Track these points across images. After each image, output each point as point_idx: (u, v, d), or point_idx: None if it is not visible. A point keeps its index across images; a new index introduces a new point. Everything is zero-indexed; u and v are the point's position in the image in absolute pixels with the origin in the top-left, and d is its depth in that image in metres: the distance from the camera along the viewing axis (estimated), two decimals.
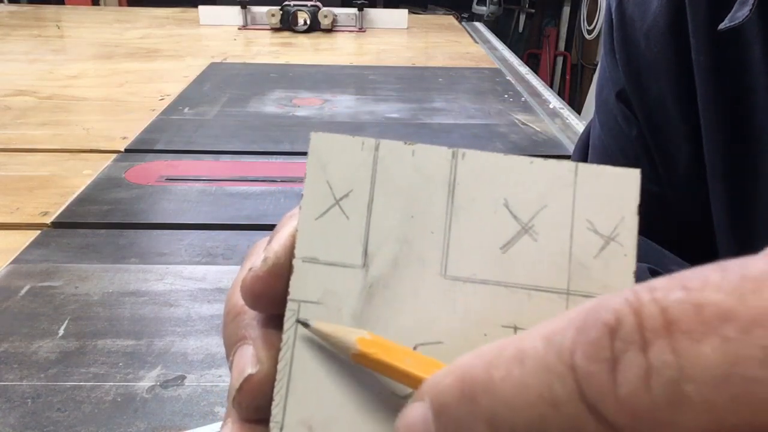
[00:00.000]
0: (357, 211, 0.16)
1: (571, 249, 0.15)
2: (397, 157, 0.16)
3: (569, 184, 0.15)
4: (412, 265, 0.16)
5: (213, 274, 0.61)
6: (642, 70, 0.40)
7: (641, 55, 0.40)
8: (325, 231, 0.16)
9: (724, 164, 0.36)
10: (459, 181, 0.16)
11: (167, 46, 1.71)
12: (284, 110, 1.15)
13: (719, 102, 0.36)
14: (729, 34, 0.34)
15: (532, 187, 0.16)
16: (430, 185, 0.16)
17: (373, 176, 0.16)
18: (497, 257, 0.16)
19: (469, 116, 1.14)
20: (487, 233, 0.16)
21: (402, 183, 0.16)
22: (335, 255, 0.16)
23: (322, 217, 0.16)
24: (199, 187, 0.81)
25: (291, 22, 1.93)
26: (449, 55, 1.71)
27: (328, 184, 0.16)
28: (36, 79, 1.32)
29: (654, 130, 0.41)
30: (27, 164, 0.87)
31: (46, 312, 0.54)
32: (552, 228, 0.16)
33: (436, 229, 0.16)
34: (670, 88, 0.39)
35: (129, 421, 0.43)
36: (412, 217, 0.16)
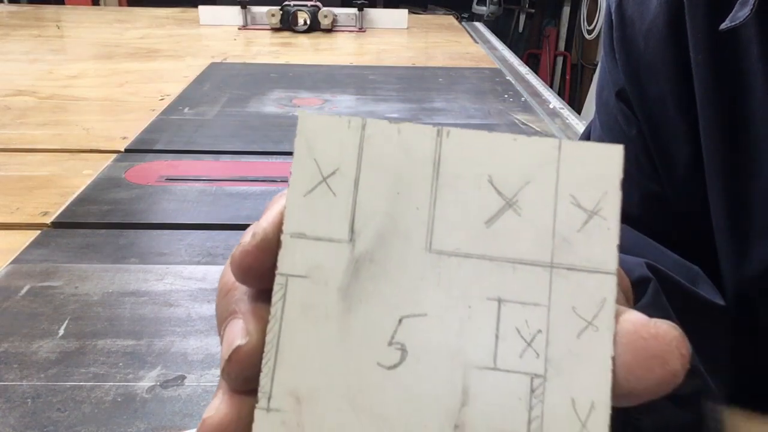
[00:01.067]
0: (344, 188, 0.16)
1: (555, 223, 0.16)
2: (384, 136, 0.16)
3: (553, 160, 0.16)
4: (397, 240, 0.16)
5: (213, 274, 0.61)
6: (641, 70, 0.40)
7: (641, 55, 0.40)
8: (312, 207, 0.16)
9: (723, 163, 0.36)
10: (444, 158, 0.16)
11: (167, 46, 1.71)
12: (284, 110, 1.15)
13: (717, 101, 0.36)
14: (727, 34, 0.34)
15: (516, 164, 0.16)
16: (416, 162, 0.16)
17: (359, 154, 0.16)
18: (482, 232, 0.16)
19: (469, 116, 1.14)
20: (471, 208, 0.16)
21: (388, 161, 0.16)
22: (322, 230, 0.16)
23: (310, 194, 0.17)
24: (199, 187, 0.81)
25: (291, 22, 1.93)
26: (449, 55, 1.71)
27: (315, 162, 0.17)
28: (36, 79, 1.32)
29: (654, 129, 0.41)
30: (27, 164, 0.87)
31: (46, 312, 0.54)
32: (536, 203, 0.16)
33: (422, 205, 0.16)
34: (669, 88, 0.39)
35: (129, 421, 0.43)
36: (398, 193, 0.16)
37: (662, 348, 0.15)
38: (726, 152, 0.36)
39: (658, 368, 0.15)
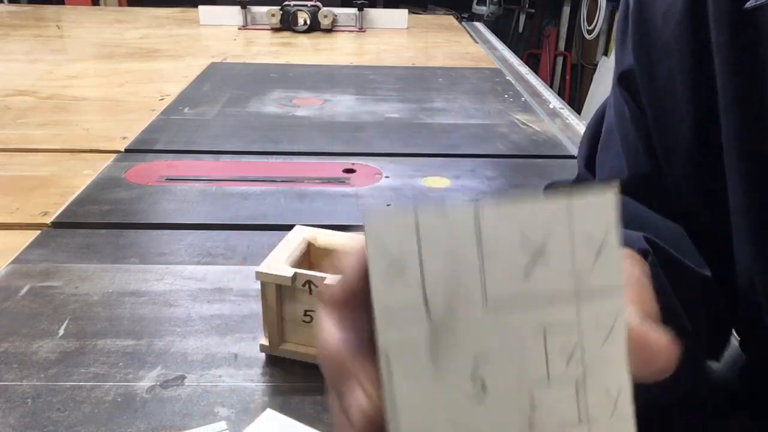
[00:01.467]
0: (412, 269, 0.20)
1: (575, 262, 0.20)
2: (434, 220, 0.20)
3: (564, 215, 0.20)
4: (461, 302, 0.21)
5: (213, 274, 0.61)
6: (654, 49, 0.41)
7: (657, 34, 0.41)
8: (392, 290, 0.21)
9: (741, 145, 0.37)
10: (483, 230, 0.20)
11: (167, 46, 1.71)
12: (284, 110, 1.15)
13: (738, 82, 0.37)
14: (750, 14, 0.35)
15: (538, 224, 0.20)
16: (463, 237, 0.20)
17: (418, 240, 0.21)
18: (523, 282, 0.21)
19: (469, 116, 1.14)
20: (511, 266, 0.20)
21: (441, 239, 0.20)
22: (404, 307, 0.21)
23: (387, 279, 0.21)
24: (199, 187, 0.81)
25: (291, 22, 1.93)
26: (449, 55, 1.71)
27: (385, 253, 0.20)
28: (36, 79, 1.32)
29: (658, 110, 0.42)
30: (27, 164, 0.87)
31: (46, 312, 0.54)
32: (559, 251, 0.20)
33: (473, 270, 0.21)
34: (680, 67, 0.40)
35: (129, 421, 0.43)
36: (454, 264, 0.21)
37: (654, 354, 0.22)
38: (745, 133, 0.37)
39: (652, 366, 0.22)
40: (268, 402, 0.45)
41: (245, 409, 0.44)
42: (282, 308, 0.48)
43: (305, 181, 0.84)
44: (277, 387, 0.46)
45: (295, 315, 0.48)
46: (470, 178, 0.86)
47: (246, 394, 0.45)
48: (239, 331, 0.52)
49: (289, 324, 0.48)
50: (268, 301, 0.48)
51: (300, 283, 0.46)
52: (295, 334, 0.49)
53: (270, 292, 0.47)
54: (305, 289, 0.46)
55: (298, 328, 0.48)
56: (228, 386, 0.46)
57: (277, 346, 0.49)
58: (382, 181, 0.85)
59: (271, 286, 0.47)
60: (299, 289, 0.47)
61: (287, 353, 0.49)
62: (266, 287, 0.47)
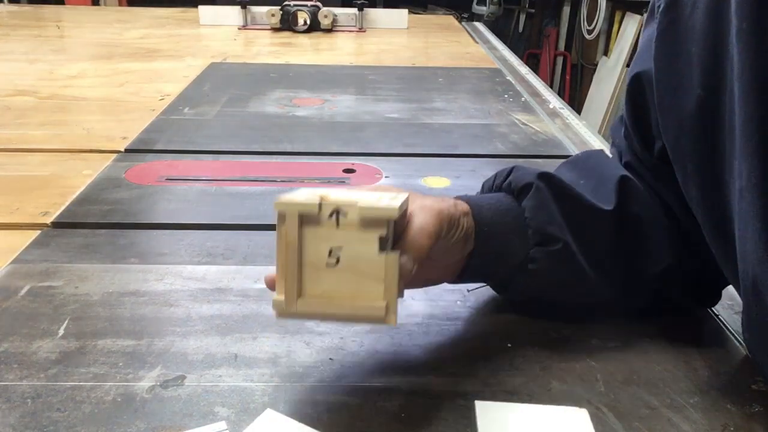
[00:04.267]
0: None
1: None
2: None
3: None
4: None
5: (213, 274, 0.61)
6: (680, 34, 0.45)
7: (684, 21, 0.45)
8: None
9: (759, 129, 0.38)
10: None
11: (167, 46, 1.71)
12: (284, 110, 1.15)
13: (756, 69, 0.38)
14: None
15: None
16: None
17: None
18: None
19: (469, 116, 1.14)
20: None
21: None
22: None
23: None
24: (199, 187, 0.81)
25: (291, 22, 1.93)
26: (449, 55, 1.71)
27: None
28: (36, 79, 1.32)
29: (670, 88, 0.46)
30: (27, 164, 0.87)
31: (46, 312, 0.54)
32: None
33: None
34: (700, 52, 0.43)
35: (129, 421, 0.43)
36: None
37: None
38: (761, 118, 0.38)
39: None
40: (268, 402, 0.45)
41: (245, 409, 0.44)
42: (302, 248, 0.41)
43: (305, 181, 0.84)
44: (277, 387, 0.46)
45: (318, 256, 0.41)
46: (470, 178, 0.86)
47: (246, 394, 0.45)
48: (239, 331, 0.52)
49: (309, 269, 0.41)
50: (288, 238, 0.40)
51: (327, 213, 0.40)
52: (316, 282, 0.41)
53: (291, 225, 0.40)
54: (331, 222, 0.40)
55: (320, 274, 0.41)
56: (228, 386, 0.46)
57: (295, 301, 0.41)
58: (382, 181, 0.85)
59: (292, 218, 0.40)
60: (324, 222, 0.40)
61: (306, 312, 0.41)
62: (286, 220, 0.40)
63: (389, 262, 0.40)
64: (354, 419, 0.43)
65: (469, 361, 0.49)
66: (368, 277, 0.40)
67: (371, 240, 0.40)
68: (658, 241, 0.51)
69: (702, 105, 0.43)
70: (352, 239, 0.40)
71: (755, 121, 0.38)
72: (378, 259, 0.40)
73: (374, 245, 0.40)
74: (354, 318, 0.41)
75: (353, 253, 0.40)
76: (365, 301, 0.40)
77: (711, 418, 0.44)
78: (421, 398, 0.45)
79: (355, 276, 0.40)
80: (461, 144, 1.00)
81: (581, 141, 1.03)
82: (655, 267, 0.51)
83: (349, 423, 0.43)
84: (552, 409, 0.44)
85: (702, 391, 0.46)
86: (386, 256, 0.40)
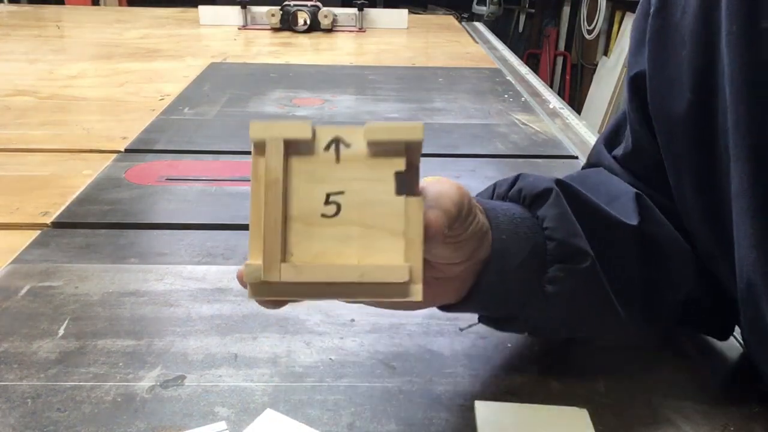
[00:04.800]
0: None
1: None
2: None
3: None
4: None
5: (213, 274, 0.61)
6: (669, 41, 0.44)
7: (675, 27, 0.44)
8: None
9: (749, 129, 0.38)
10: None
11: (167, 46, 1.71)
12: (284, 110, 1.15)
13: (746, 72, 0.38)
14: (763, 3, 0.37)
15: None
16: None
17: None
18: None
19: (469, 116, 1.14)
20: None
21: None
22: None
23: None
24: (199, 187, 0.81)
25: (291, 22, 1.93)
26: (449, 55, 1.71)
27: None
28: (36, 79, 1.32)
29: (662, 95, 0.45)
30: (27, 164, 0.87)
31: (46, 312, 0.54)
32: None
33: None
34: (690, 57, 0.42)
35: (129, 421, 0.43)
36: None
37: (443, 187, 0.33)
38: (752, 124, 0.38)
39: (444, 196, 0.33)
40: (268, 402, 0.45)
41: (245, 409, 0.44)
42: (288, 193, 0.30)
43: None
44: (277, 387, 0.46)
45: (310, 204, 0.30)
46: (470, 178, 0.86)
47: (246, 394, 0.45)
48: (239, 331, 0.52)
49: (298, 223, 0.30)
50: (269, 177, 0.30)
51: (323, 143, 0.30)
52: (307, 241, 0.30)
53: (273, 160, 0.30)
54: (329, 156, 0.30)
55: (313, 230, 0.30)
56: (228, 386, 0.46)
57: (278, 267, 0.29)
58: None
59: (275, 149, 0.30)
60: (319, 156, 0.30)
61: (293, 283, 0.29)
62: (266, 152, 0.31)
63: (412, 207, 0.29)
64: (354, 419, 0.43)
65: (469, 361, 0.49)
66: (381, 229, 0.29)
67: (385, 178, 0.29)
68: (679, 264, 0.46)
69: (693, 108, 0.43)
70: (357, 178, 0.29)
71: (746, 124, 0.38)
72: (395, 203, 0.29)
73: (389, 185, 0.29)
74: (361, 291, 0.29)
75: (360, 198, 0.29)
76: (377, 264, 0.29)
77: (711, 418, 0.44)
78: (421, 398, 0.45)
79: (363, 230, 0.29)
80: (461, 144, 1.00)
81: (581, 141, 1.03)
82: (677, 293, 0.46)
83: (349, 423, 0.43)
84: (552, 409, 0.44)
85: (702, 391, 0.46)
86: (407, 200, 0.29)
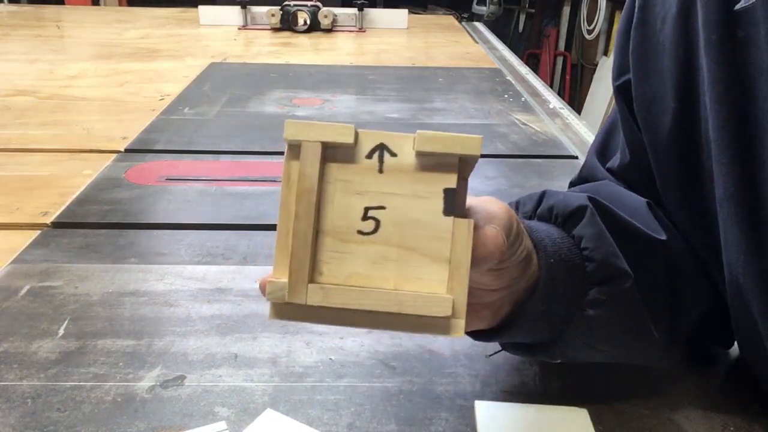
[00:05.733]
0: None
1: None
2: None
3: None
4: None
5: (213, 274, 0.61)
6: (651, 50, 0.44)
7: (655, 37, 0.44)
8: None
9: (730, 140, 0.38)
10: None
11: (167, 46, 1.71)
12: (284, 110, 1.15)
13: (726, 80, 0.38)
14: (739, 14, 0.37)
15: None
16: None
17: None
18: None
19: (469, 116, 1.14)
20: None
21: None
22: None
23: None
24: (199, 187, 0.81)
25: (291, 22, 1.93)
26: (449, 55, 1.71)
27: None
28: (36, 79, 1.32)
29: (647, 103, 0.45)
30: (27, 164, 0.87)
31: (46, 312, 0.54)
32: None
33: None
34: (671, 66, 0.43)
35: (129, 421, 0.43)
36: None
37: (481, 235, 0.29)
38: (733, 129, 0.38)
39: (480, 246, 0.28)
40: (268, 402, 0.45)
41: (245, 409, 0.44)
42: (321, 204, 0.27)
43: None
44: (277, 387, 0.46)
45: (346, 218, 0.27)
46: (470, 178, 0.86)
47: (246, 394, 0.45)
48: (239, 331, 0.52)
49: (330, 240, 0.27)
50: (302, 185, 0.26)
51: (365, 149, 0.27)
52: (340, 260, 0.27)
53: (308, 164, 0.26)
54: (371, 165, 0.27)
55: (348, 247, 0.27)
56: (228, 386, 0.46)
57: (305, 288, 0.26)
58: None
59: (311, 153, 0.26)
60: (360, 164, 0.27)
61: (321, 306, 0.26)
62: (301, 155, 0.26)
63: (460, 229, 0.27)
64: (354, 419, 0.43)
65: (469, 361, 0.49)
66: (424, 253, 0.27)
67: (432, 195, 0.27)
68: (702, 278, 0.45)
69: (677, 118, 0.43)
70: (401, 193, 0.27)
71: (727, 131, 0.38)
72: (441, 224, 0.27)
73: (436, 203, 0.27)
74: (396, 322, 0.27)
75: (401, 216, 0.27)
76: (417, 292, 0.26)
77: (711, 418, 0.44)
78: (421, 398, 0.45)
79: (403, 252, 0.27)
80: None
81: (581, 141, 1.03)
82: (697, 309, 0.45)
83: (349, 423, 0.43)
84: (552, 409, 0.44)
85: (702, 391, 0.46)
86: (455, 221, 0.27)
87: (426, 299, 0.26)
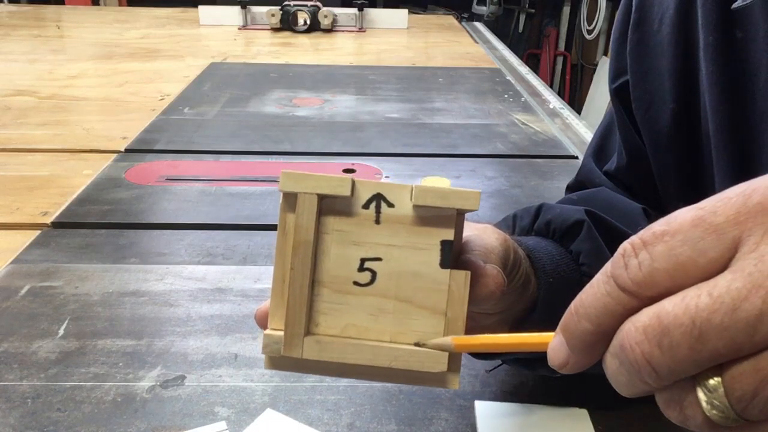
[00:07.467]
0: None
1: None
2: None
3: None
4: None
5: (213, 274, 0.61)
6: (649, 51, 0.44)
7: (653, 37, 0.44)
8: None
9: (729, 138, 0.38)
10: None
11: (167, 46, 1.71)
12: (284, 110, 1.15)
13: (724, 80, 0.38)
14: (737, 14, 0.37)
15: None
16: None
17: None
18: None
19: (469, 116, 1.14)
20: None
21: None
22: None
23: None
24: (199, 187, 0.81)
25: (291, 22, 1.93)
26: (449, 55, 1.71)
27: None
28: (36, 79, 1.32)
29: (646, 104, 0.45)
30: (27, 164, 0.87)
31: (46, 312, 0.54)
32: None
33: None
34: (669, 66, 0.43)
35: (129, 421, 0.43)
36: None
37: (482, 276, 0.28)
38: (732, 126, 0.38)
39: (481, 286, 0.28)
40: (268, 402, 0.45)
41: (245, 409, 0.44)
42: (318, 256, 0.27)
43: None
44: (277, 387, 0.46)
45: (342, 269, 0.27)
46: (470, 178, 0.86)
47: (246, 394, 0.45)
48: (239, 331, 0.52)
49: (327, 291, 0.27)
50: (298, 237, 0.26)
51: (362, 199, 0.27)
52: (336, 312, 0.27)
53: (304, 216, 0.26)
54: (368, 216, 0.27)
55: (344, 299, 0.27)
56: (228, 386, 0.46)
57: (301, 341, 0.26)
58: (382, 180, 0.85)
59: (308, 204, 0.26)
60: (357, 215, 0.27)
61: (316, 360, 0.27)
62: (297, 207, 0.26)
63: (456, 282, 0.27)
64: (354, 419, 0.43)
65: (469, 361, 0.49)
66: (420, 305, 0.27)
67: (429, 247, 0.27)
68: None
69: (677, 118, 0.43)
70: (398, 244, 0.27)
71: (726, 131, 0.38)
72: (438, 276, 0.27)
73: (432, 255, 0.27)
74: (392, 376, 0.27)
75: (398, 267, 0.27)
76: (413, 347, 0.27)
77: None
78: (422, 398, 0.45)
79: (399, 304, 0.27)
80: (461, 144, 1.00)
81: (581, 141, 1.03)
82: None
83: (349, 423, 0.43)
84: (552, 410, 0.44)
85: None
86: (452, 273, 0.27)
87: (422, 354, 0.26)
